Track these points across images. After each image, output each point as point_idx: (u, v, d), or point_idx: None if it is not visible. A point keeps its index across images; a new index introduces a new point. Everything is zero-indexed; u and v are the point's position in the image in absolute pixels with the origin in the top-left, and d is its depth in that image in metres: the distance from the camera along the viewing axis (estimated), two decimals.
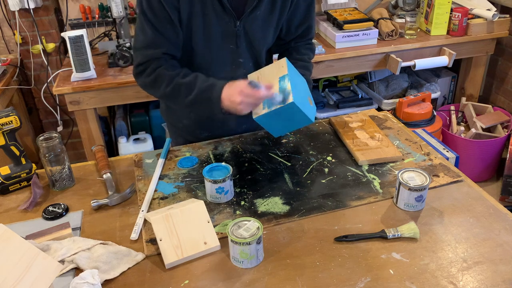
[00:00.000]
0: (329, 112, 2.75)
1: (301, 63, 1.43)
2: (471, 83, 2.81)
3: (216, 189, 1.17)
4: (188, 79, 1.25)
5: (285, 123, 1.26)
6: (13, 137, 1.26)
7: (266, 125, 1.25)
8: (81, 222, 1.16)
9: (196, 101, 1.25)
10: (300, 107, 1.17)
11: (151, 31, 1.25)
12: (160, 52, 1.26)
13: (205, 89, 1.23)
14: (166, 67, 1.27)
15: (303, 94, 1.25)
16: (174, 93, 1.26)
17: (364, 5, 2.88)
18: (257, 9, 1.28)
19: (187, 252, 1.02)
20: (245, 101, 1.16)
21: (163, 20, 1.23)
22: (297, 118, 1.22)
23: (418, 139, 1.44)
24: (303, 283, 0.95)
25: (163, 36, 1.25)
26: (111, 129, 2.72)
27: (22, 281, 0.82)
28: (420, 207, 1.14)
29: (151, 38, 1.26)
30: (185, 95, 1.25)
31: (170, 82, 1.26)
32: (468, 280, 0.94)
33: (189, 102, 1.25)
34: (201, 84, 1.24)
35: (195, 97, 1.24)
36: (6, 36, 2.61)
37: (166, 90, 1.26)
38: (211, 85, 1.23)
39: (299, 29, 1.43)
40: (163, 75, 1.26)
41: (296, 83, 1.23)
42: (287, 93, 1.16)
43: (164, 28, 1.25)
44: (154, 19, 1.23)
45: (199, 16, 1.25)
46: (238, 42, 1.32)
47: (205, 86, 1.23)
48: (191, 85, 1.24)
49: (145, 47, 1.27)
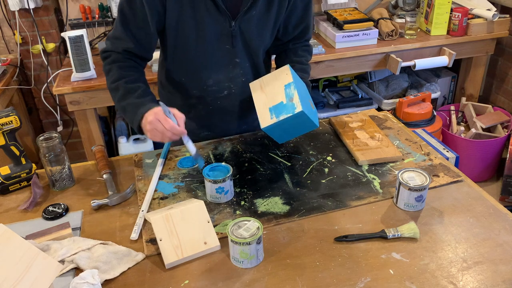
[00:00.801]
0: (329, 112, 2.75)
1: (299, 66, 1.43)
2: (471, 83, 2.81)
3: (216, 189, 1.17)
4: (129, 86, 1.27)
5: (291, 130, 1.26)
6: (13, 137, 1.26)
7: (272, 134, 1.25)
8: (81, 222, 1.16)
9: (124, 111, 1.27)
10: (308, 114, 1.17)
11: (122, 26, 1.27)
12: (121, 47, 1.29)
13: (133, 105, 1.24)
14: (120, 65, 1.29)
15: (306, 99, 1.25)
16: (114, 92, 1.29)
17: (364, 5, 2.88)
18: (253, 9, 1.28)
19: (187, 252, 1.02)
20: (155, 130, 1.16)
21: (138, 21, 1.25)
22: (304, 125, 1.23)
23: (418, 139, 1.44)
24: (303, 283, 0.95)
25: (133, 34, 1.27)
26: (111, 129, 2.72)
27: (22, 281, 0.82)
28: (420, 207, 1.14)
29: (119, 32, 1.28)
30: (119, 99, 1.28)
31: (115, 80, 1.28)
32: (468, 280, 0.94)
33: (119, 107, 1.29)
34: (135, 99, 1.25)
35: (125, 106, 1.26)
36: (6, 36, 2.61)
37: (110, 86, 1.30)
38: (139, 104, 1.23)
39: (296, 30, 1.42)
40: (114, 70, 1.29)
41: (300, 89, 1.23)
42: (295, 102, 1.16)
43: (136, 28, 1.26)
44: (130, 15, 1.25)
45: (190, 18, 1.25)
46: (234, 42, 1.32)
47: (134, 102, 1.24)
48: (126, 94, 1.26)
49: (113, 38, 1.30)
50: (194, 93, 1.42)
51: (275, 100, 1.21)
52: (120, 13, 1.26)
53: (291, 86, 1.19)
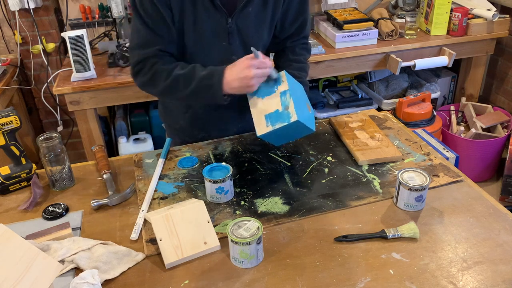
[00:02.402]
0: (329, 112, 2.75)
1: (297, 65, 1.43)
2: (471, 83, 2.81)
3: (216, 189, 1.17)
4: (186, 70, 1.25)
5: (288, 136, 1.26)
6: (13, 137, 1.26)
7: (269, 139, 1.25)
8: (81, 222, 1.16)
9: (197, 91, 1.24)
10: (304, 122, 1.17)
11: (145, 30, 1.26)
12: (155, 50, 1.27)
13: (205, 77, 1.22)
14: (162, 63, 1.27)
15: (303, 103, 1.24)
16: (174, 85, 1.26)
17: (364, 5, 2.88)
18: (249, 6, 1.28)
19: (187, 252, 1.02)
20: (257, 74, 1.17)
21: (156, 19, 1.24)
22: (300, 131, 1.23)
23: (418, 139, 1.44)
24: (303, 283, 0.95)
25: (157, 34, 1.26)
26: (111, 129, 2.72)
27: (22, 281, 0.82)
28: (420, 207, 1.14)
29: (145, 37, 1.26)
30: (185, 86, 1.24)
31: (168, 76, 1.25)
32: (468, 280, 0.94)
33: (189, 92, 1.24)
34: (200, 73, 1.23)
35: (196, 86, 1.23)
36: (6, 36, 2.61)
37: (165, 84, 1.26)
38: (211, 72, 1.23)
39: (293, 26, 1.42)
40: (161, 70, 1.26)
41: (296, 94, 1.22)
42: (290, 110, 1.16)
43: (157, 27, 1.25)
44: (147, 18, 1.24)
45: (190, 14, 1.25)
46: (231, 39, 1.32)
47: (204, 74, 1.23)
48: (190, 75, 1.24)
49: (140, 47, 1.28)
50: None
51: (270, 107, 1.20)
52: (138, 19, 1.25)
53: (286, 93, 1.19)
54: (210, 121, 1.48)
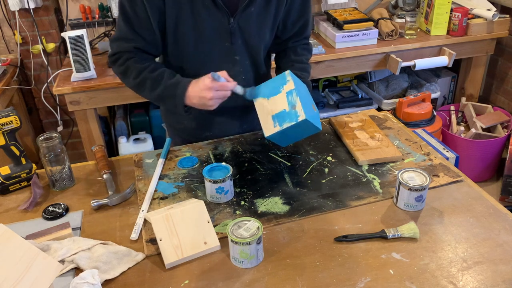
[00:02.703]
0: (329, 112, 2.75)
1: (299, 65, 1.43)
2: (471, 83, 2.81)
3: (216, 189, 1.17)
4: (155, 74, 1.28)
5: (295, 136, 1.25)
6: (13, 137, 1.26)
7: (276, 140, 1.24)
8: (81, 222, 1.16)
9: (161, 97, 1.28)
10: (311, 121, 1.17)
11: (127, 27, 1.27)
12: (131, 46, 1.29)
13: (170, 86, 1.25)
14: (136, 60, 1.30)
15: (309, 103, 1.24)
16: (141, 86, 1.29)
17: (364, 5, 2.88)
18: (251, 6, 1.28)
19: (187, 252, 1.02)
20: (216, 96, 1.20)
21: (141, 20, 1.25)
22: (307, 130, 1.22)
23: (418, 139, 1.44)
24: (303, 283, 0.95)
25: (137, 33, 1.28)
26: (111, 129, 2.72)
27: (22, 281, 0.82)
28: (420, 207, 1.14)
29: (125, 32, 1.28)
30: (151, 89, 1.28)
31: (138, 75, 1.28)
32: (468, 280, 0.94)
33: (154, 96, 1.29)
34: (167, 81, 1.26)
35: (161, 92, 1.27)
36: (6, 36, 2.61)
37: (135, 82, 1.30)
38: (176, 82, 1.25)
39: (295, 26, 1.42)
40: (132, 67, 1.29)
41: (302, 94, 1.22)
42: (298, 109, 1.15)
43: (140, 27, 1.27)
44: (133, 16, 1.25)
45: (188, 16, 1.25)
46: (233, 39, 1.32)
47: (170, 83, 1.26)
48: (157, 80, 1.27)
49: (119, 39, 1.30)
50: None
51: (277, 107, 1.19)
52: (122, 14, 1.26)
53: (293, 93, 1.18)
54: (215, 121, 1.48)
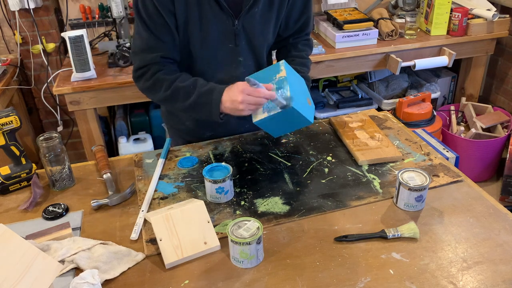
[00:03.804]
0: (329, 112, 2.75)
1: (299, 60, 1.43)
2: (471, 83, 2.81)
3: (216, 189, 1.17)
4: (187, 83, 1.26)
5: (285, 125, 1.25)
6: (13, 137, 1.26)
7: (266, 128, 1.25)
8: (81, 222, 1.16)
9: (196, 105, 1.25)
10: (299, 111, 1.16)
11: (148, 35, 1.25)
12: (158, 56, 1.27)
13: (205, 93, 1.23)
14: (165, 72, 1.28)
15: (302, 95, 1.25)
16: (173, 97, 1.27)
17: (364, 5, 2.88)
18: (255, 7, 1.28)
19: (187, 252, 1.02)
20: (247, 100, 1.16)
21: (159, 25, 1.24)
22: (297, 120, 1.22)
23: (418, 139, 1.44)
24: (303, 283, 0.95)
25: (160, 40, 1.26)
26: (111, 129, 2.72)
27: (22, 281, 0.82)
28: (420, 207, 1.14)
29: (148, 42, 1.26)
30: (184, 98, 1.25)
31: (169, 86, 1.26)
32: (468, 280, 0.94)
33: (188, 105, 1.26)
34: (201, 88, 1.24)
35: (195, 100, 1.24)
36: (6, 36, 2.61)
37: (166, 94, 1.27)
38: (211, 89, 1.23)
39: (297, 24, 1.42)
40: (162, 79, 1.27)
41: (295, 85, 1.22)
42: (287, 97, 1.16)
43: (160, 32, 1.25)
44: (150, 23, 1.24)
45: (196, 18, 1.25)
46: (237, 40, 1.32)
47: (204, 90, 1.23)
48: (191, 89, 1.25)
49: (143, 51, 1.28)
50: None
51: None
52: (141, 23, 1.25)
53: (284, 81, 1.19)
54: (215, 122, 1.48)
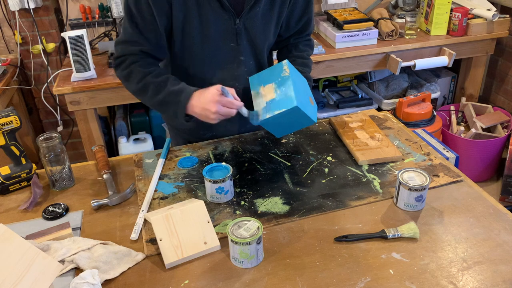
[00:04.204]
0: (329, 112, 2.75)
1: (300, 60, 1.44)
2: (471, 83, 2.81)
3: (216, 189, 1.17)
4: (159, 79, 1.26)
5: (288, 125, 1.27)
6: (13, 137, 1.26)
7: (269, 128, 1.26)
8: (81, 222, 1.16)
9: (163, 103, 1.26)
10: (303, 109, 1.17)
11: (132, 29, 1.26)
12: (137, 50, 1.28)
13: (174, 92, 1.24)
14: (141, 64, 1.28)
15: (305, 95, 1.25)
16: (143, 90, 1.28)
17: (364, 5, 2.88)
18: (257, 6, 1.28)
19: (187, 252, 1.02)
20: (220, 111, 1.18)
21: (147, 23, 1.24)
22: (300, 120, 1.23)
23: (418, 139, 1.44)
24: (303, 283, 0.95)
25: (144, 36, 1.27)
26: (111, 129, 2.72)
27: (22, 281, 0.82)
28: (420, 207, 1.14)
29: (131, 35, 1.27)
30: (153, 94, 1.26)
31: (141, 79, 1.27)
32: (468, 280, 0.94)
33: (156, 102, 1.27)
34: (171, 87, 1.25)
35: (163, 98, 1.25)
36: (6, 36, 2.61)
37: (137, 87, 1.28)
38: (180, 90, 1.23)
39: (298, 24, 1.42)
40: (136, 71, 1.28)
41: (298, 84, 1.23)
42: (290, 97, 1.16)
43: (146, 30, 1.26)
44: (139, 19, 1.24)
45: (195, 17, 1.25)
46: (239, 39, 1.32)
47: (174, 89, 1.24)
48: (161, 86, 1.25)
49: (124, 42, 1.29)
50: None
51: (271, 95, 1.22)
52: (128, 16, 1.25)
53: (287, 81, 1.19)
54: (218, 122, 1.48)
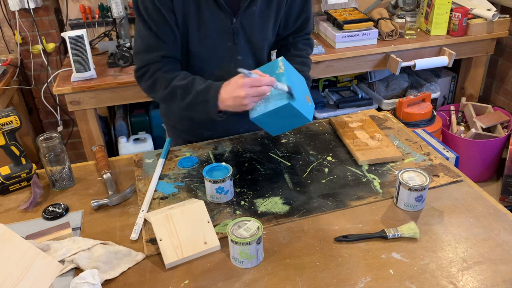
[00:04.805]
0: (329, 112, 2.75)
1: (300, 59, 1.43)
2: (471, 83, 2.81)
3: (216, 189, 1.17)
4: (185, 82, 1.25)
5: (283, 123, 1.24)
6: (13, 137, 1.26)
7: (263, 125, 1.24)
8: (81, 222, 1.16)
9: (193, 104, 1.24)
10: (297, 107, 1.15)
11: (148, 34, 1.25)
12: (158, 56, 1.27)
13: (202, 91, 1.22)
14: (164, 71, 1.27)
15: (301, 93, 1.24)
16: (171, 95, 1.26)
17: (364, 5, 2.88)
18: (253, 5, 1.28)
19: (187, 252, 1.02)
20: (250, 94, 1.13)
21: (159, 23, 1.24)
22: (295, 118, 1.21)
23: (418, 139, 1.44)
24: (303, 283, 0.95)
25: (161, 39, 1.26)
26: (111, 129, 2.72)
27: (22, 281, 0.82)
28: (420, 207, 1.14)
29: (148, 41, 1.26)
30: (182, 98, 1.25)
31: (167, 85, 1.26)
32: (468, 280, 0.94)
33: (186, 104, 1.25)
34: (198, 87, 1.23)
35: (192, 99, 1.23)
36: (6, 36, 2.61)
37: (164, 93, 1.27)
38: (207, 87, 1.22)
39: (296, 23, 1.42)
40: (161, 78, 1.27)
41: (293, 82, 1.21)
42: (283, 94, 1.15)
43: (161, 30, 1.25)
44: (151, 22, 1.24)
45: (193, 16, 1.25)
46: (236, 39, 1.32)
47: (201, 88, 1.22)
48: (188, 88, 1.24)
49: (143, 51, 1.28)
50: None
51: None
52: (141, 22, 1.24)
53: (281, 78, 1.18)
54: (216, 122, 1.48)
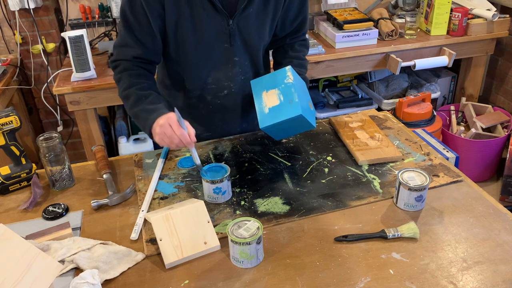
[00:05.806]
0: (329, 112, 2.75)
1: (297, 61, 1.44)
2: (471, 83, 2.81)
3: (214, 189, 1.17)
4: (140, 93, 1.27)
5: (289, 130, 1.29)
6: (13, 137, 1.26)
7: (270, 132, 1.28)
8: (81, 222, 1.16)
9: (137, 115, 1.27)
10: (306, 117, 1.19)
11: (128, 33, 1.27)
12: (130, 55, 1.29)
13: (148, 110, 1.23)
14: (130, 73, 1.29)
15: (305, 100, 1.26)
16: (126, 99, 1.29)
17: (364, 5, 2.88)
18: (250, 6, 1.28)
19: (187, 252, 1.02)
20: (167, 141, 1.15)
21: (142, 26, 1.25)
22: (301, 125, 1.26)
23: (418, 139, 1.44)
24: (303, 283, 0.95)
25: (139, 40, 1.27)
26: (111, 129, 2.72)
27: (22, 281, 0.82)
28: (420, 207, 1.14)
29: (126, 39, 1.28)
30: (131, 106, 1.27)
31: (127, 88, 1.28)
32: (468, 280, 0.94)
33: (132, 112, 1.28)
34: (148, 105, 1.25)
35: (138, 112, 1.26)
36: (6, 36, 2.61)
37: (122, 94, 1.30)
38: (154, 110, 1.23)
39: (293, 24, 1.42)
40: (125, 78, 1.29)
41: (300, 91, 1.24)
42: (294, 104, 1.17)
43: (141, 34, 1.26)
44: (134, 22, 1.25)
45: (188, 19, 1.25)
46: (232, 40, 1.32)
47: (149, 108, 1.24)
48: (138, 101, 1.26)
49: (120, 46, 1.30)
50: (194, 93, 1.42)
51: (275, 101, 1.22)
52: (123, 20, 1.26)
53: (291, 88, 1.20)
54: (214, 121, 1.49)
